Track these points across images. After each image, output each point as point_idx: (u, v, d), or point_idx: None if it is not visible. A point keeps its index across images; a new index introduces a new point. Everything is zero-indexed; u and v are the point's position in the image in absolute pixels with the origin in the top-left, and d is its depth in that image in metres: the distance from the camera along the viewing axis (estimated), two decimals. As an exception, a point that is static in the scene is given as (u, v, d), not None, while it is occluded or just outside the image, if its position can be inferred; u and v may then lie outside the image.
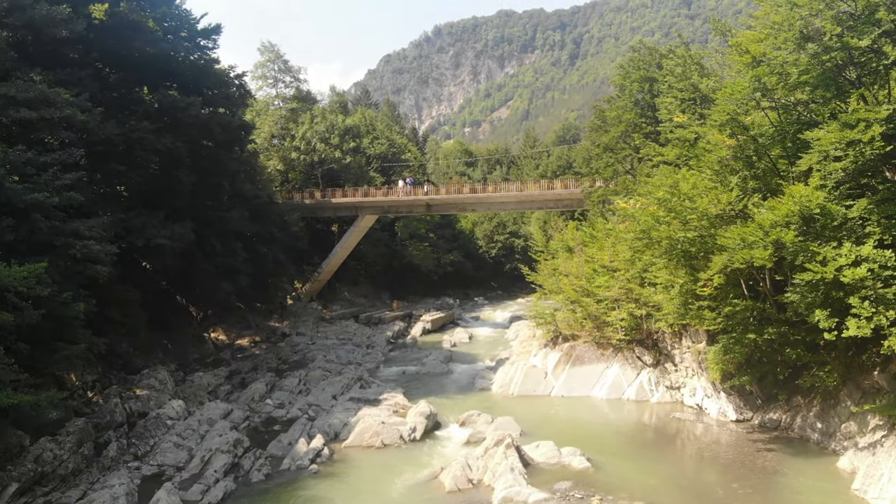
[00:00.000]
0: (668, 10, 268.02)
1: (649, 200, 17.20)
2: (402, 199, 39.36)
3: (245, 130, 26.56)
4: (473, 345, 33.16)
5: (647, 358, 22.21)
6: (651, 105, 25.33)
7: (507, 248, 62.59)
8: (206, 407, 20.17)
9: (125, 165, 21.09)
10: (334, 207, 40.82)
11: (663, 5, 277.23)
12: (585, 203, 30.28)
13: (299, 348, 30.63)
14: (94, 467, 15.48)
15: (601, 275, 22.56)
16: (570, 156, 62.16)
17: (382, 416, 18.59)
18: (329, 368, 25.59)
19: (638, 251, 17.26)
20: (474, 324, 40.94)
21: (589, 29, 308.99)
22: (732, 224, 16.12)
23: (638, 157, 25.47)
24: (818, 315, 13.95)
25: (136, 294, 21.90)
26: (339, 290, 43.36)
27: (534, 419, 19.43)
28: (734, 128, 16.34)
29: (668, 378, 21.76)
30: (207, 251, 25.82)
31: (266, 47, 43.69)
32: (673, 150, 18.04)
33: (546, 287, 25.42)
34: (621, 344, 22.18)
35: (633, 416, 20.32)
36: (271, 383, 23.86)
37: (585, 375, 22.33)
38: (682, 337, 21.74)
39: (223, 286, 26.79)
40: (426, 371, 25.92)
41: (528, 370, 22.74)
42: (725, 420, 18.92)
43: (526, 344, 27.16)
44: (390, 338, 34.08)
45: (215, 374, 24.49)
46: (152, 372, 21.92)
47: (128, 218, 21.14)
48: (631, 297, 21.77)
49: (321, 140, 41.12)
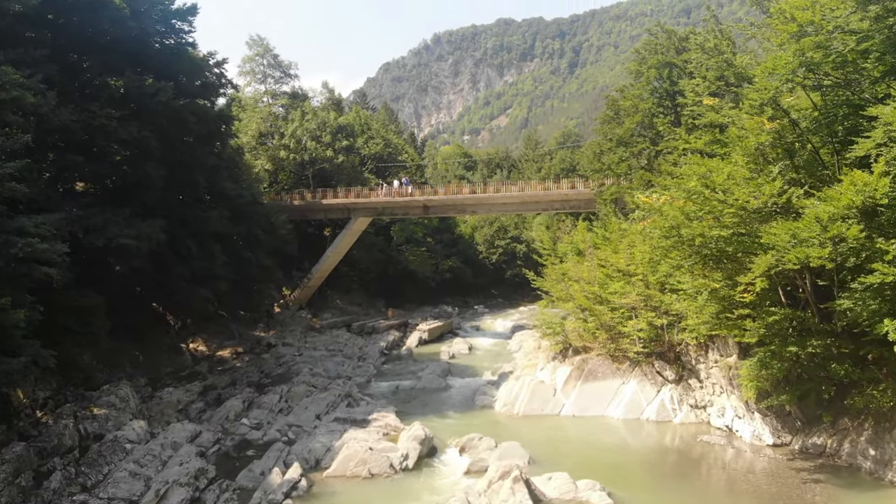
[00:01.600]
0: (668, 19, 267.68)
1: (676, 194, 14.96)
2: (398, 200, 37.05)
3: (224, 122, 24.32)
4: (473, 357, 30.79)
5: (669, 373, 19.90)
6: (670, 93, 23.19)
7: (509, 254, 60.20)
8: (171, 429, 17.83)
9: (85, 156, 18.84)
10: (325, 209, 38.51)
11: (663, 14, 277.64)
12: (596, 203, 27.92)
13: (285, 360, 28.27)
14: (31, 502, 13.23)
15: (616, 280, 20.34)
16: (574, 158, 60.06)
17: (370, 441, 16.25)
18: (315, 383, 23.23)
19: (664, 252, 14.99)
20: (474, 334, 38.55)
21: (588, 37, 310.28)
22: (773, 220, 13.93)
23: (656, 150, 23.28)
24: (887, 326, 11.72)
25: (97, 300, 19.55)
26: (331, 297, 40.99)
27: (543, 444, 17.18)
28: (775, 110, 14.17)
29: (692, 396, 19.46)
30: (182, 254, 23.55)
31: (255, 41, 41.51)
32: (702, 137, 15.82)
33: (554, 294, 23.14)
34: (639, 357, 19.89)
35: (655, 439, 18.11)
36: (249, 400, 21.50)
37: (599, 392, 20.01)
38: (708, 350, 19.46)
39: (200, 292, 24.51)
40: (422, 386, 23.57)
41: (535, 386, 20.40)
42: (760, 444, 16.78)
43: (531, 356, 24.84)
44: (384, 349, 31.70)
45: (187, 390, 22.14)
46: (114, 388, 19.55)
47: (87, 215, 18.88)
48: (650, 304, 19.53)
49: (312, 138, 38.81)
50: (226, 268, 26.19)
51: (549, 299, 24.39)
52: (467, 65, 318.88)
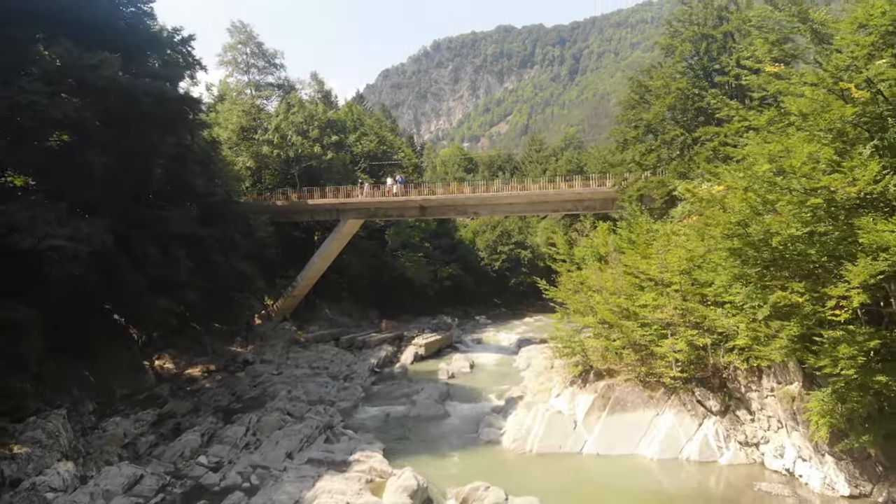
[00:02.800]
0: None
1: (739, 181, 11.70)
2: (392, 200, 33.67)
3: (190, 107, 21.05)
4: (476, 376, 27.35)
5: (712, 402, 16.55)
6: (707, 71, 19.94)
7: (513, 261, 56.62)
8: (106, 473, 14.50)
9: (9, 139, 15.56)
10: (311, 210, 35.11)
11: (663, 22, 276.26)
12: (618, 201, 24.49)
13: (261, 380, 24.88)
14: None
15: (647, 290, 17.05)
16: (581, 159, 56.91)
17: (349, 493, 12.91)
18: (291, 410, 19.84)
19: (725, 257, 11.71)
20: (476, 348, 35.08)
21: (588, 44, 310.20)
22: (860, 214, 10.71)
23: (692, 137, 19.95)
24: None
25: (23, 312, 16.18)
26: (320, 307, 37.54)
27: (563, 492, 14.02)
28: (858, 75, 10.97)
29: (741, 431, 16.13)
30: (138, 258, 20.22)
31: (237, 27, 38.22)
32: (764, 112, 12.59)
33: (570, 306, 19.82)
34: (676, 383, 16.56)
35: (698, 483, 14.94)
36: (211, 432, 18.14)
37: (629, 426, 16.65)
38: (762, 375, 16.12)
39: (160, 303, 21.15)
40: (416, 413, 20.17)
41: (552, 418, 17.02)
42: (833, 495, 13.67)
43: (543, 378, 21.48)
44: (375, 366, 28.25)
45: (138, 419, 18.78)
46: (42, 420, 16.21)
47: (10, 210, 15.61)
48: (690, 320, 16.24)
49: (298, 133, 35.41)
50: (194, 275, 22.94)
51: (563, 311, 21.06)
52: (467, 71, 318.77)
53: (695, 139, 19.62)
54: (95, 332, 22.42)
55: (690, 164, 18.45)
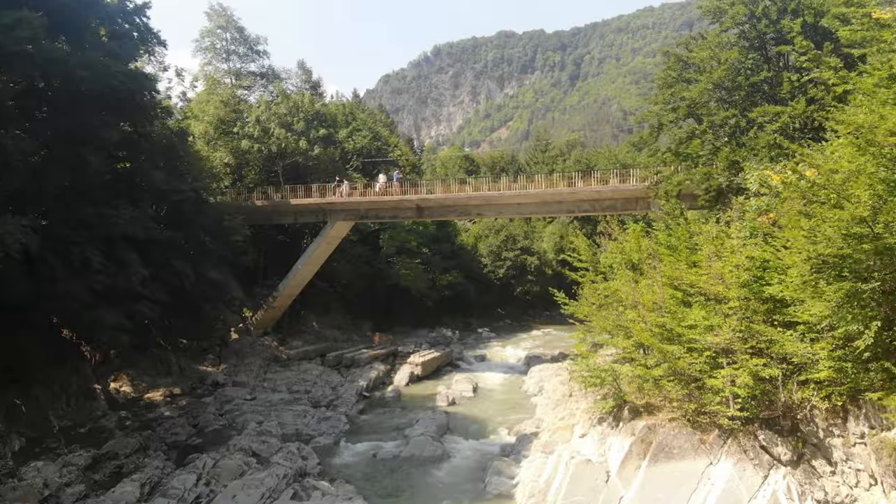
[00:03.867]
0: (670, 32, 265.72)
1: (847, 164, 8.36)
2: (385, 199, 30.27)
3: (142, 85, 17.72)
4: (480, 401, 23.83)
5: (781, 450, 13.08)
6: (763, 39, 16.48)
7: (518, 268, 53.00)
8: (0, 547, 11.00)
9: None
10: (295, 211, 31.69)
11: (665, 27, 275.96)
12: (650, 198, 21.03)
13: (230, 406, 21.47)
14: None
15: (698, 307, 13.67)
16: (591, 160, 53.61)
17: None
18: (258, 450, 16.40)
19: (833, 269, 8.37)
20: (479, 367, 31.52)
21: (589, 50, 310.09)
22: None
23: (745, 119, 16.51)
24: None
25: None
26: (305, 319, 34.04)
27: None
28: None
29: (819, 486, 12.64)
30: (76, 265, 16.88)
31: (216, 11, 34.85)
32: (874, 74, 9.30)
33: (596, 324, 16.39)
34: (734, 424, 13.09)
35: (770, 560, 11.34)
36: (155, 480, 14.69)
37: (676, 478, 13.17)
38: (847, 416, 12.72)
39: (107, 318, 17.79)
40: (409, 453, 16.68)
41: (578, 468, 13.58)
42: None
43: (562, 410, 18.05)
44: (364, 389, 24.72)
45: (67, 463, 15.32)
46: (-67, 470, 12.79)
47: None
48: (754, 345, 12.85)
49: (281, 125, 32.03)
50: (151, 284, 19.64)
51: (584, 330, 17.60)
52: (467, 77, 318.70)
53: (749, 121, 16.25)
54: (34, 351, 19.08)
55: (746, 151, 15.09)
